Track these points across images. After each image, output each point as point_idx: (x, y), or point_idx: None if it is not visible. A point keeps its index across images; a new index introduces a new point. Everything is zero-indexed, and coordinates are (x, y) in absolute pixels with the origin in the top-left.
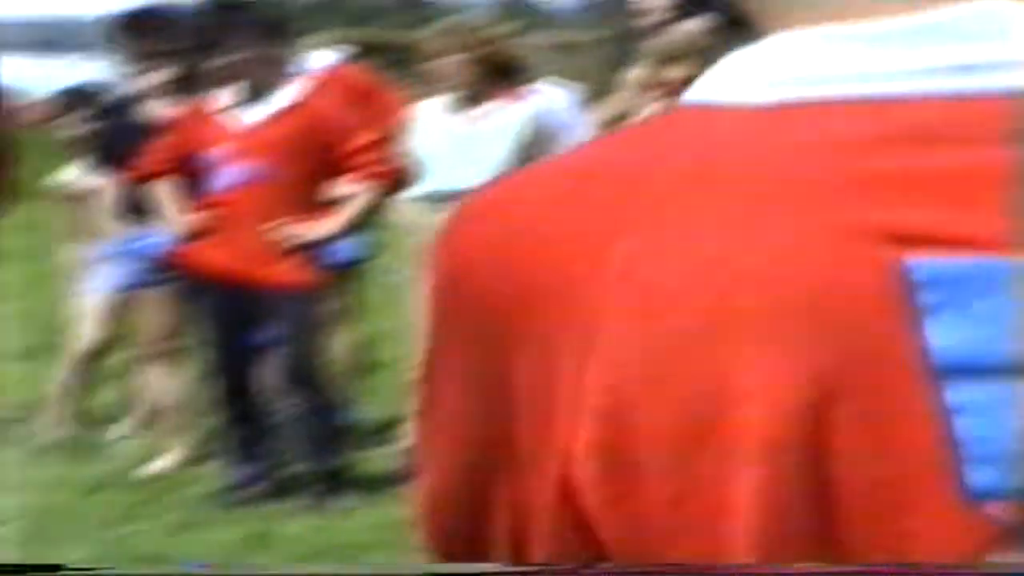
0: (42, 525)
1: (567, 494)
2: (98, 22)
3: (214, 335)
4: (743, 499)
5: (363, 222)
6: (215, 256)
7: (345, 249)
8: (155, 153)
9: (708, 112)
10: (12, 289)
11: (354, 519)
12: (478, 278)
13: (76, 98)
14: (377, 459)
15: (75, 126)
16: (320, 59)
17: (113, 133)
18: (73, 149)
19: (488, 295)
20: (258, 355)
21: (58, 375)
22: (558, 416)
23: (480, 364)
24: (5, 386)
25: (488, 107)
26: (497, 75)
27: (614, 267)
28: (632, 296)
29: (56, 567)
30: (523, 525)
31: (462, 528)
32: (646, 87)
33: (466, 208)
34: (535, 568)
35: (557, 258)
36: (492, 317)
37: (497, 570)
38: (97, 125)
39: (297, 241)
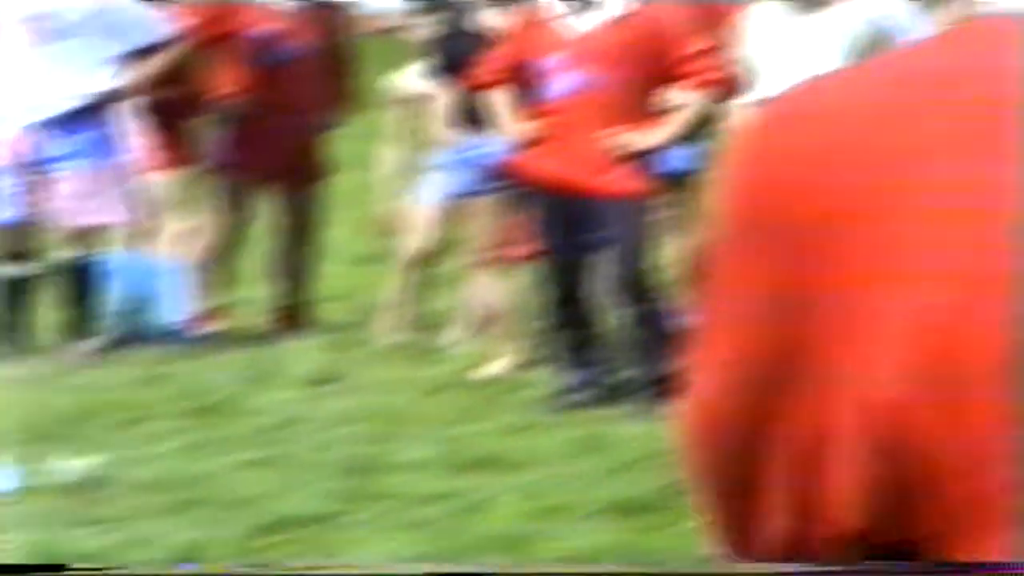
0: (384, 425)
1: (872, 416)
2: None
3: (545, 242)
4: None
5: (695, 130)
6: (547, 164)
7: (677, 157)
8: (490, 62)
9: (1013, 23)
10: (350, 196)
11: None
12: (784, 189)
13: (429, 4)
14: None
15: (423, 32)
16: None
17: (450, 41)
18: (418, 54)
19: (795, 207)
20: (589, 262)
21: (390, 281)
22: (863, 336)
23: (778, 274)
24: (345, 291)
25: (824, 11)
26: None
27: (923, 192)
28: (944, 221)
29: (59, 567)
30: (808, 452)
31: (732, 456)
32: None
33: (770, 117)
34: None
35: (865, 178)
36: (798, 229)
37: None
38: (440, 32)
39: (629, 149)
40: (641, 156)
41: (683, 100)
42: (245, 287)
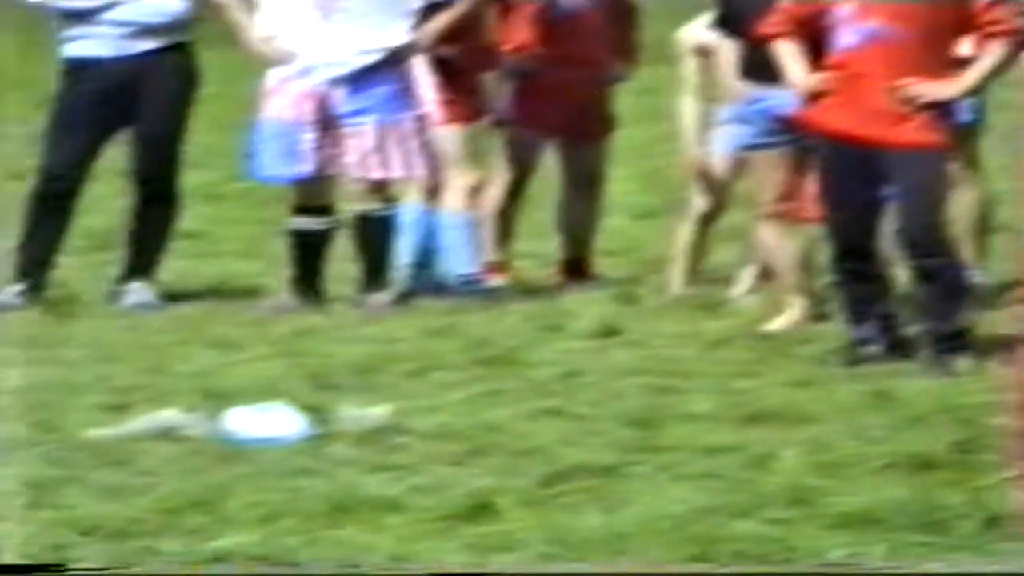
0: (668, 377)
1: None
2: None
3: (834, 195)
4: None
5: (989, 81)
6: (837, 116)
7: (966, 108)
8: (780, 13)
9: None
10: (634, 150)
11: (972, 380)
12: None
13: None
14: (997, 321)
15: None
16: None
17: None
18: (706, 7)
19: None
20: (878, 215)
21: (679, 234)
22: None
23: None
24: (628, 244)
25: None
26: None
27: None
28: None
29: (58, 567)
30: None
31: None
32: None
33: None
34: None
35: None
36: None
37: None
38: None
39: (923, 101)
40: (935, 107)
41: (979, 51)
42: (530, 240)
